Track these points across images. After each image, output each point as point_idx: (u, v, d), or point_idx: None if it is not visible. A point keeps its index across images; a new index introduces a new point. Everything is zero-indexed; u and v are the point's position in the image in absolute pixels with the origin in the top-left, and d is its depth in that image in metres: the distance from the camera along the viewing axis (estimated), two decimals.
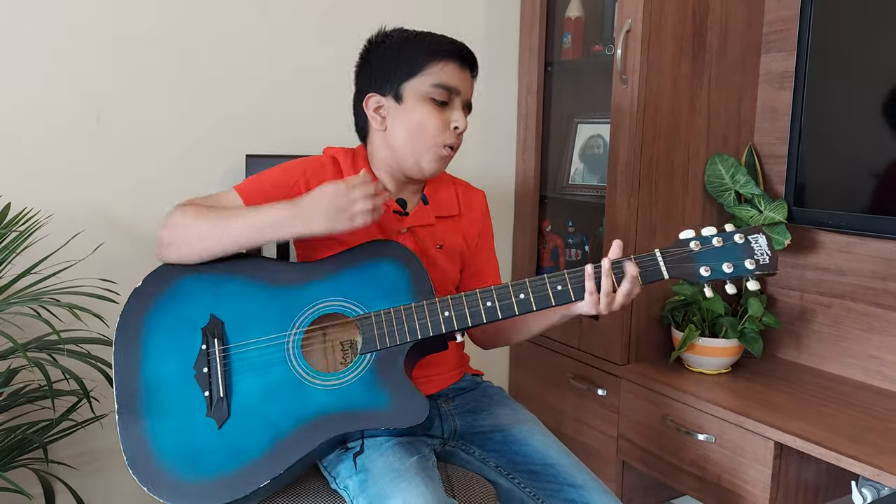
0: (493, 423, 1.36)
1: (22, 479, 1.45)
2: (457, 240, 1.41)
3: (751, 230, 1.18)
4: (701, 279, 1.17)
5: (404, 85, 1.30)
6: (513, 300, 1.19)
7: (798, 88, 1.72)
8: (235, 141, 1.79)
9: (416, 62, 1.29)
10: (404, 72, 1.30)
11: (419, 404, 1.17)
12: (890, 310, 1.68)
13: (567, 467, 1.26)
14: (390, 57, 1.31)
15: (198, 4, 1.72)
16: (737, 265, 1.16)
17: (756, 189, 1.80)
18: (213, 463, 1.15)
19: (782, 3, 1.86)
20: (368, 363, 1.20)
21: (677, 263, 1.18)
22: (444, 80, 1.29)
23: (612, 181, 1.84)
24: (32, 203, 1.55)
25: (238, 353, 1.21)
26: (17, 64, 1.55)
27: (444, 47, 1.31)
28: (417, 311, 1.20)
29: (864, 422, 1.50)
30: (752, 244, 1.17)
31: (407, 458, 1.17)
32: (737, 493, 1.57)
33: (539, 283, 1.20)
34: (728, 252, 1.17)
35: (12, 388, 1.50)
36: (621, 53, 1.76)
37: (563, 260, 2.17)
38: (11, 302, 1.31)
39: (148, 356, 1.21)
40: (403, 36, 1.33)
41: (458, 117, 1.31)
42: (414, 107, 1.30)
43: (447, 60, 1.30)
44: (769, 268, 1.16)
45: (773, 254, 1.17)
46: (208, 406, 1.18)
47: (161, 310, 1.23)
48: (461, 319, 1.20)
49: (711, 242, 1.18)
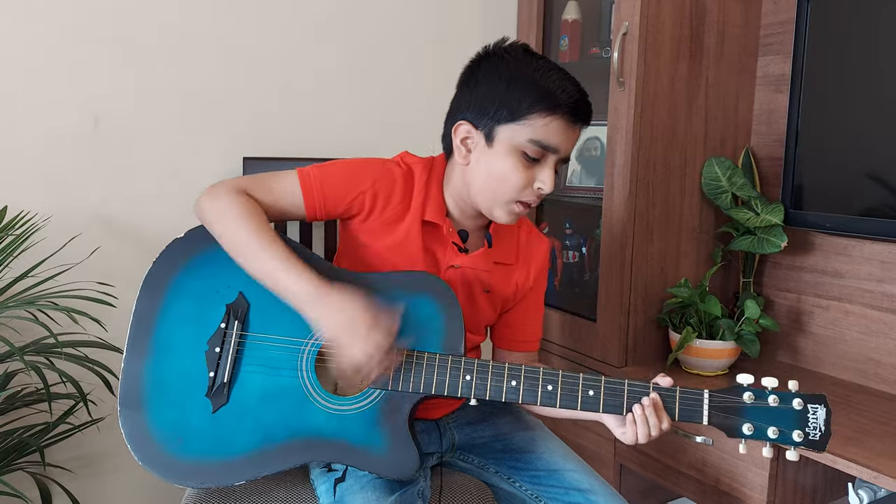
0: (493, 433, 1.33)
1: (19, 483, 1.44)
2: (506, 288, 1.32)
3: (814, 398, 1.08)
4: (740, 436, 1.09)
5: (499, 127, 1.16)
6: (538, 390, 1.14)
7: (795, 91, 1.72)
8: (233, 144, 1.79)
9: (519, 107, 1.14)
10: (504, 113, 1.16)
11: (411, 460, 1.13)
12: (887, 312, 1.68)
13: (573, 472, 1.23)
14: (496, 90, 1.16)
15: (196, 7, 1.72)
16: (783, 433, 1.07)
17: (753, 191, 1.81)
18: (197, 445, 1.13)
19: (779, 5, 1.86)
20: (375, 400, 1.16)
21: (722, 412, 1.09)
22: (543, 137, 1.15)
23: (610, 183, 1.84)
24: (30, 206, 1.55)
25: (253, 343, 1.17)
26: (14, 66, 1.55)
27: (556, 100, 1.14)
28: (440, 366, 1.15)
29: (862, 424, 1.50)
30: (809, 413, 1.07)
31: (387, 496, 1.13)
32: (734, 496, 1.57)
33: (571, 382, 1.13)
34: (780, 416, 1.07)
35: (9, 391, 1.50)
36: (618, 56, 1.77)
37: (561, 262, 2.17)
38: (8, 305, 1.31)
39: (167, 315, 1.18)
40: (518, 67, 1.17)
41: (545, 178, 1.18)
42: (502, 155, 1.17)
43: (555, 116, 1.14)
44: (817, 446, 1.06)
45: (826, 431, 1.06)
46: (210, 387, 1.15)
47: (194, 270, 1.19)
48: (479, 389, 1.14)
49: (767, 400, 1.08)
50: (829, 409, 1.08)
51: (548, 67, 1.17)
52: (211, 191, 1.18)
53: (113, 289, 1.53)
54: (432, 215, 1.24)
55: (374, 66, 1.95)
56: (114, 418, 1.66)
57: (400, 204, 1.24)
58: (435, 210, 1.25)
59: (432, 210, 1.24)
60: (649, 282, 1.86)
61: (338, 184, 1.21)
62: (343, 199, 1.22)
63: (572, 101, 1.15)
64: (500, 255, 1.31)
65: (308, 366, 1.17)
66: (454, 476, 1.31)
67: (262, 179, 1.21)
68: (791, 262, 1.87)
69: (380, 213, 1.24)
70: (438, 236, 1.26)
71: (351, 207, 1.23)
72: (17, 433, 1.48)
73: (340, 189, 1.21)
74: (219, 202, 1.16)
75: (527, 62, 1.17)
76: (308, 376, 1.17)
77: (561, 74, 1.17)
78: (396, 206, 1.24)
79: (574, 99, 1.16)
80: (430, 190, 1.25)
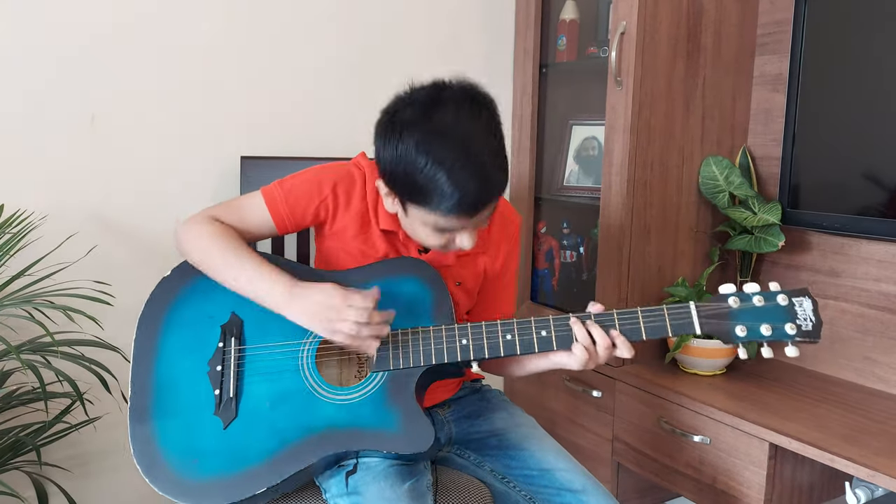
0: (489, 429, 1.34)
1: (15, 482, 1.44)
2: (477, 274, 1.35)
3: (796, 292, 1.11)
4: (735, 339, 1.11)
5: (410, 205, 1.15)
6: (533, 336, 1.18)
7: (792, 90, 1.72)
8: (230, 143, 1.79)
9: (424, 200, 1.12)
10: (410, 196, 1.14)
11: (426, 432, 1.16)
12: (884, 311, 1.69)
13: (565, 472, 1.24)
14: (404, 176, 1.11)
15: (193, 6, 1.71)
16: (776, 329, 1.09)
17: (750, 191, 1.81)
18: (213, 463, 1.15)
19: (776, 5, 1.87)
20: (380, 382, 1.19)
21: (712, 319, 1.12)
22: (449, 225, 1.15)
23: (607, 183, 1.84)
24: (26, 205, 1.55)
25: (253, 356, 1.21)
26: (11, 65, 1.55)
27: (453, 206, 1.10)
28: (435, 336, 1.19)
29: (859, 423, 1.51)
30: (796, 307, 1.10)
31: (400, 484, 1.15)
32: (732, 495, 1.57)
33: (563, 322, 1.18)
34: (769, 313, 1.10)
35: (5, 390, 1.49)
36: (616, 55, 1.77)
37: (558, 262, 2.17)
38: (5, 304, 1.30)
39: (166, 347, 1.21)
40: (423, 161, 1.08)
41: (463, 240, 1.18)
42: (418, 224, 1.18)
43: (458, 213, 1.12)
44: (811, 335, 1.09)
45: (817, 320, 1.09)
46: (217, 405, 1.18)
47: (184, 302, 1.23)
48: (478, 350, 1.18)
49: (752, 301, 1.11)
50: (814, 300, 1.11)
51: (449, 160, 1.08)
52: (185, 224, 1.24)
53: (110, 287, 1.53)
54: (386, 223, 1.27)
55: (372, 65, 1.94)
56: (111, 417, 1.67)
57: (361, 202, 1.27)
58: (387, 218, 1.26)
59: (385, 218, 1.27)
60: (647, 281, 1.86)
61: (301, 195, 1.26)
62: (308, 207, 1.26)
63: (468, 206, 1.11)
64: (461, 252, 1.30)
65: (309, 364, 1.20)
66: (454, 474, 1.31)
67: (230, 206, 1.28)
68: (788, 261, 1.88)
69: (343, 214, 1.27)
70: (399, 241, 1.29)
71: (318, 214, 1.27)
72: (13, 432, 1.48)
73: (304, 199, 1.26)
74: (192, 233, 1.22)
75: (428, 151, 1.08)
76: (311, 374, 1.20)
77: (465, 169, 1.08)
78: (359, 204, 1.27)
79: (469, 204, 1.11)
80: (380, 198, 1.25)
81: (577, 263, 2.16)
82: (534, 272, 2.19)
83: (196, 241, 1.21)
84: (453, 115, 1.10)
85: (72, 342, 1.44)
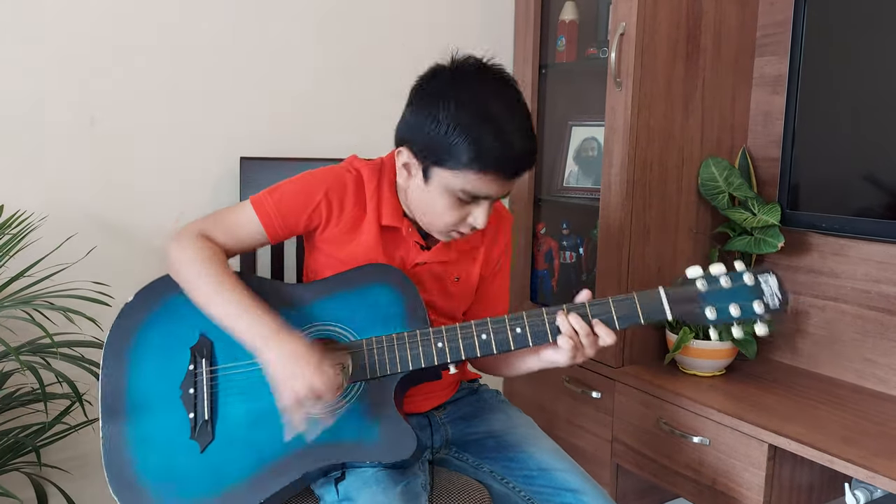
0: (486, 430, 1.34)
1: (14, 483, 1.44)
2: (474, 270, 1.35)
3: (761, 270, 1.13)
4: (706, 321, 1.12)
5: (435, 169, 1.16)
6: (508, 334, 1.16)
7: (791, 92, 1.73)
8: (229, 144, 1.79)
9: (457, 160, 1.12)
10: (440, 157, 1.14)
11: (407, 439, 1.14)
12: (883, 312, 1.69)
13: (563, 472, 1.24)
14: (437, 133, 1.13)
15: (193, 7, 1.71)
16: (744, 307, 1.11)
17: (750, 192, 1.81)
18: (193, 487, 1.13)
19: (775, 6, 1.87)
20: (357, 392, 1.17)
21: (682, 303, 1.13)
22: (475, 189, 1.15)
23: (607, 183, 1.84)
24: (26, 205, 1.55)
25: (225, 375, 1.19)
26: (10, 66, 1.55)
27: (494, 162, 1.12)
28: (410, 341, 1.17)
29: (858, 424, 1.51)
30: (762, 285, 1.12)
31: (392, 487, 1.14)
32: (731, 496, 1.57)
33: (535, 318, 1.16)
34: (736, 293, 1.11)
35: (5, 391, 1.49)
36: (615, 56, 1.77)
37: (558, 262, 2.17)
38: (4, 305, 1.30)
39: (135, 374, 1.19)
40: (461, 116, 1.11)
41: (478, 216, 1.19)
42: (436, 193, 1.18)
43: (490, 174, 1.13)
44: (779, 309, 1.11)
45: (783, 296, 1.11)
46: (192, 429, 1.16)
47: (151, 326, 1.21)
48: (455, 352, 1.16)
49: (719, 282, 1.12)
50: (777, 276, 1.13)
51: (491, 115, 1.12)
52: (174, 242, 1.21)
53: (109, 288, 1.52)
54: (389, 219, 1.26)
55: (371, 66, 1.94)
56: None
57: (354, 209, 1.26)
58: (391, 213, 1.26)
59: (388, 213, 1.26)
60: (646, 282, 1.86)
61: (291, 202, 1.24)
62: (300, 214, 1.24)
63: (511, 158, 1.14)
64: (463, 243, 1.32)
65: None
66: (453, 476, 1.31)
67: (220, 218, 1.25)
68: (787, 262, 1.88)
69: (336, 222, 1.26)
70: (399, 238, 1.28)
71: (310, 221, 1.26)
72: (12, 433, 1.48)
73: (295, 206, 1.24)
74: (182, 252, 1.19)
75: (471, 106, 1.12)
76: None
77: (505, 125, 1.12)
78: (351, 211, 1.26)
79: (513, 155, 1.14)
80: (382, 193, 1.26)
81: (577, 264, 2.16)
82: (533, 273, 2.19)
83: (186, 263, 1.18)
84: (499, 84, 1.17)
85: (71, 343, 1.43)
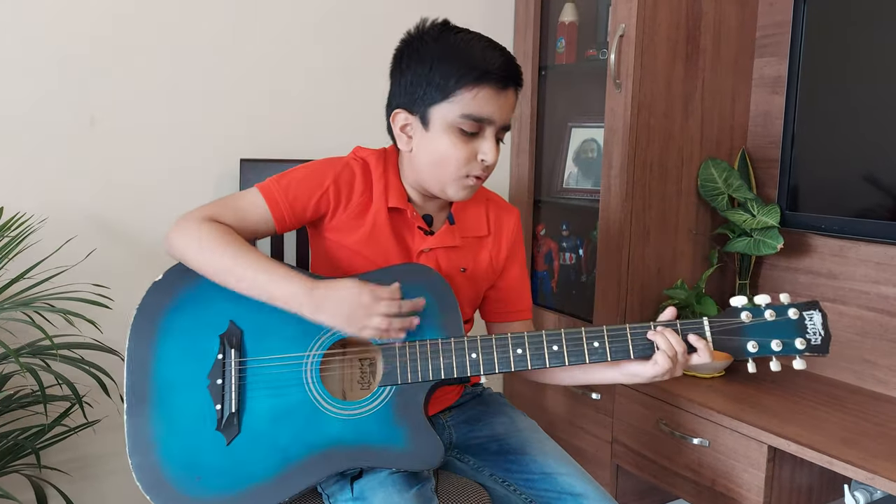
0: (489, 433, 1.33)
1: (14, 485, 1.44)
2: (482, 262, 1.33)
3: (808, 305, 1.11)
4: (747, 355, 1.10)
5: (432, 109, 1.18)
6: (545, 352, 1.15)
7: (791, 93, 1.72)
8: (229, 145, 1.79)
9: (446, 85, 1.15)
10: (433, 95, 1.17)
11: (435, 448, 1.13)
12: (882, 314, 1.69)
13: (566, 476, 1.23)
14: (421, 73, 1.17)
15: (193, 7, 1.71)
16: (787, 344, 1.09)
17: (749, 193, 1.81)
18: (217, 480, 1.11)
19: (775, 7, 1.87)
20: (388, 396, 1.15)
21: (724, 335, 1.12)
22: (474, 110, 1.16)
23: (606, 185, 1.84)
24: (25, 208, 1.55)
25: (254, 368, 1.16)
26: (10, 67, 1.55)
27: (479, 69, 1.15)
28: (444, 350, 1.15)
29: (858, 426, 1.51)
30: (806, 321, 1.10)
31: (407, 490, 1.13)
32: (731, 497, 1.57)
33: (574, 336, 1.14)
34: (780, 328, 1.10)
35: (5, 393, 1.49)
36: (615, 58, 1.77)
37: (558, 264, 2.17)
38: (4, 307, 1.30)
39: (162, 357, 1.15)
40: (439, 47, 1.18)
41: (487, 149, 1.19)
42: (439, 135, 1.18)
43: (481, 85, 1.15)
44: (820, 349, 1.09)
45: (826, 334, 1.10)
46: (219, 420, 1.13)
47: (180, 308, 1.17)
48: (488, 364, 1.15)
49: (764, 315, 1.11)
50: (824, 313, 1.11)
51: (467, 39, 1.18)
52: (178, 225, 1.17)
53: (108, 291, 1.53)
54: (395, 201, 1.26)
55: (371, 67, 1.94)
56: (110, 420, 1.67)
57: (363, 195, 1.25)
58: (397, 196, 1.26)
59: (394, 196, 1.26)
60: (646, 283, 1.86)
61: (300, 188, 1.23)
62: (308, 201, 1.23)
63: (496, 66, 1.16)
64: (468, 230, 1.32)
65: (314, 378, 1.16)
66: (454, 479, 1.31)
67: (225, 203, 1.22)
68: (787, 263, 1.88)
69: (345, 208, 1.25)
70: (405, 222, 1.27)
71: (318, 207, 1.24)
72: (12, 435, 1.48)
73: (304, 192, 1.23)
74: (188, 235, 1.15)
75: (446, 39, 1.19)
76: (316, 388, 1.16)
77: (482, 43, 1.19)
78: (360, 197, 1.25)
79: (497, 64, 1.16)
80: (388, 178, 1.27)
81: (577, 265, 2.16)
82: (533, 274, 2.19)
83: (194, 242, 1.14)
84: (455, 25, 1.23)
85: (71, 345, 1.44)
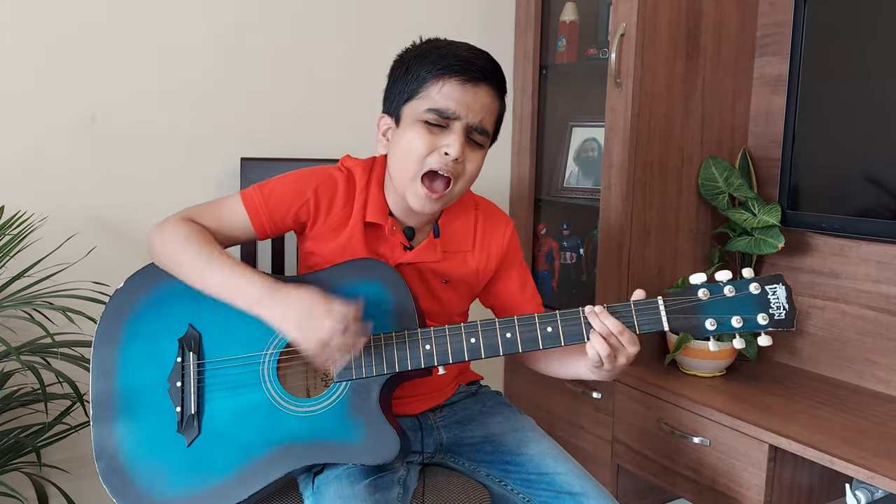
0: (483, 434, 1.31)
1: (15, 483, 1.44)
2: (466, 272, 1.31)
3: (770, 279, 1.07)
4: (705, 333, 1.07)
5: (404, 107, 1.20)
6: (498, 340, 1.14)
7: (791, 92, 1.72)
8: (230, 144, 1.79)
9: (416, 85, 1.18)
10: (405, 93, 1.19)
11: (390, 442, 1.13)
12: (883, 313, 1.69)
13: (564, 475, 1.21)
14: (399, 77, 1.21)
15: (193, 7, 1.72)
16: (747, 320, 1.06)
17: (750, 192, 1.81)
18: (180, 480, 1.14)
19: (775, 6, 1.87)
20: (343, 392, 1.16)
21: (681, 314, 1.08)
22: (440, 104, 1.16)
23: (607, 184, 1.84)
24: (26, 206, 1.55)
25: (213, 370, 1.18)
26: (11, 66, 1.55)
27: (445, 63, 1.16)
28: (398, 342, 1.15)
29: (859, 425, 1.51)
30: (769, 295, 1.06)
31: (359, 482, 1.13)
32: (731, 497, 1.57)
33: (528, 323, 1.13)
34: (740, 303, 1.06)
35: (5, 391, 1.49)
36: (616, 57, 1.77)
37: (558, 263, 2.17)
38: (5, 305, 1.31)
39: (125, 363, 1.18)
40: (417, 52, 1.21)
41: (450, 142, 1.16)
42: (407, 128, 1.19)
43: (446, 77, 1.15)
44: (784, 324, 1.05)
45: (790, 307, 1.05)
46: (179, 423, 1.16)
47: (142, 314, 1.20)
48: (442, 355, 1.15)
49: (722, 292, 1.07)
50: (788, 287, 1.07)
51: (447, 44, 1.21)
52: (158, 225, 1.20)
53: (109, 288, 1.52)
54: (373, 216, 1.25)
55: (371, 66, 1.94)
56: None
57: (343, 208, 1.25)
58: (375, 210, 1.25)
59: (373, 210, 1.25)
60: (646, 283, 1.86)
61: (281, 197, 1.23)
62: (288, 210, 1.24)
63: (460, 61, 1.16)
64: (452, 244, 1.30)
65: (270, 376, 1.17)
66: (452, 476, 1.30)
67: (208, 208, 1.24)
68: (788, 262, 1.88)
69: (325, 219, 1.25)
70: (383, 236, 1.27)
71: (298, 217, 1.25)
72: (13, 433, 1.48)
73: (284, 201, 1.23)
74: (165, 234, 1.18)
75: (427, 45, 1.22)
76: (273, 386, 1.17)
77: (460, 46, 1.20)
78: (340, 210, 1.25)
79: (463, 59, 1.17)
80: (370, 191, 1.26)
81: (577, 265, 2.16)
82: (534, 274, 2.19)
83: (168, 241, 1.17)
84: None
85: (72, 343, 1.44)
